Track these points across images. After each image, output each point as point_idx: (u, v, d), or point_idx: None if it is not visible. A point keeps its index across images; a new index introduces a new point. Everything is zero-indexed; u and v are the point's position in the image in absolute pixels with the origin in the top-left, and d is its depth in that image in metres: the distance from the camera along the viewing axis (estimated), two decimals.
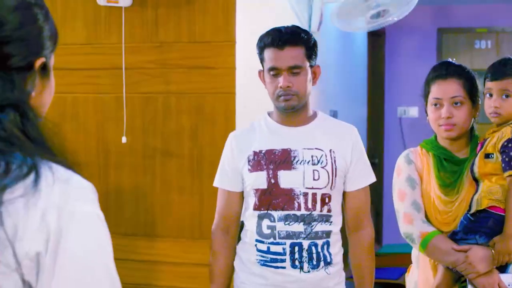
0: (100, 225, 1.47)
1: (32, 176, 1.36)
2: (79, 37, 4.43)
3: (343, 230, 3.30)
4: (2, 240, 1.31)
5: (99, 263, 1.44)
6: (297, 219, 3.13)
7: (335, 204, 3.21)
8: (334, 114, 6.45)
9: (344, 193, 3.27)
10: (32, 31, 1.51)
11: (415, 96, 8.99)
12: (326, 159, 3.17)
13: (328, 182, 3.16)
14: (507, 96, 3.12)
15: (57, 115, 4.41)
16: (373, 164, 3.70)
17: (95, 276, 1.41)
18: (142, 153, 4.34)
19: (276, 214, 3.15)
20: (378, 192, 8.35)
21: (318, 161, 3.16)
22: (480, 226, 3.06)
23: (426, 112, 3.34)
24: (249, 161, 3.22)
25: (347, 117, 6.55)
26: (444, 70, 3.26)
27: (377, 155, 8.66)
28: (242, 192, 3.29)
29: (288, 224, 3.13)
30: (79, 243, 1.39)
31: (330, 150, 3.19)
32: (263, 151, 3.20)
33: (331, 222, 3.19)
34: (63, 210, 1.38)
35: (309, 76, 3.18)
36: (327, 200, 3.16)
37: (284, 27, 3.19)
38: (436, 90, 3.23)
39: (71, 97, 4.44)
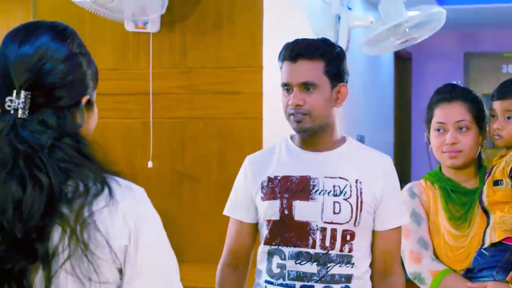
0: (160, 221, 1.93)
1: (106, 189, 1.77)
2: (107, 62, 4.46)
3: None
4: (101, 241, 1.70)
5: (167, 249, 1.91)
6: (310, 258, 2.68)
7: (361, 244, 2.73)
8: (361, 139, 6.43)
9: (372, 233, 2.79)
10: (77, 76, 1.84)
11: None
12: (351, 190, 2.70)
13: (351, 217, 2.68)
14: (509, 117, 2.93)
15: None
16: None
17: (165, 259, 1.89)
18: (169, 178, 4.35)
19: (288, 250, 2.70)
20: None
21: (341, 192, 2.70)
22: (496, 260, 2.79)
23: (428, 139, 3.11)
24: (262, 188, 2.79)
25: (374, 142, 6.53)
26: (449, 92, 3.04)
27: (404, 180, 8.62)
28: (256, 224, 2.89)
29: (300, 263, 2.68)
30: (152, 236, 1.84)
31: (357, 181, 2.72)
32: (278, 177, 2.77)
33: (353, 264, 2.70)
34: (136, 211, 1.80)
35: (328, 95, 2.72)
36: (349, 238, 2.68)
37: (305, 38, 2.81)
38: (440, 113, 3.00)
39: (99, 122, 4.41)
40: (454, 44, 8.88)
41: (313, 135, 2.77)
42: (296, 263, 2.68)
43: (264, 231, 2.80)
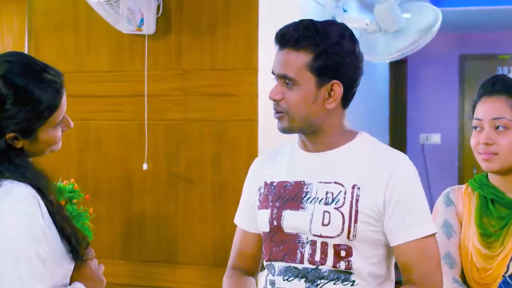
0: (16, 223, 1.97)
1: None
2: (102, 64, 4.46)
3: None
4: None
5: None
6: (297, 273, 2.34)
7: (364, 262, 2.30)
8: None
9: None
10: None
11: (438, 123, 8.91)
12: (344, 198, 2.28)
13: (342, 230, 2.26)
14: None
15: (81, 142, 4.44)
16: None
17: None
18: (164, 180, 4.35)
19: (277, 265, 2.37)
20: None
21: (333, 200, 2.29)
22: None
23: None
24: (260, 194, 2.46)
25: None
26: (491, 85, 2.54)
27: None
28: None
29: (287, 279, 2.35)
30: None
31: (354, 186, 2.28)
32: (274, 183, 2.42)
33: (353, 283, 2.29)
34: None
35: (310, 93, 2.28)
36: (344, 254, 2.28)
37: (303, 20, 2.33)
38: (478, 109, 2.54)
39: (94, 124, 4.47)
40: (449, 46, 8.88)
41: (311, 134, 2.37)
42: (283, 280, 2.36)
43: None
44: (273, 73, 2.34)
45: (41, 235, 1.98)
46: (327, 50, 2.26)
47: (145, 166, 4.29)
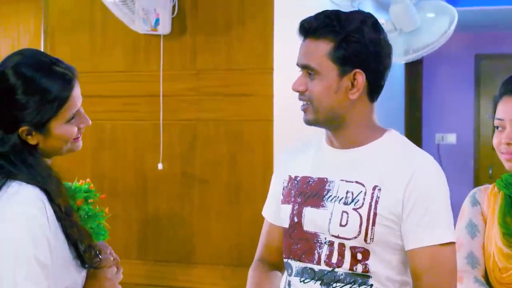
0: (21, 226, 1.98)
1: None
2: (118, 64, 4.47)
3: None
4: None
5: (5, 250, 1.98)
6: (313, 275, 2.26)
7: (382, 265, 2.21)
8: None
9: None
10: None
11: (453, 123, 8.87)
12: (364, 199, 2.19)
13: (359, 232, 2.18)
14: None
15: (96, 142, 4.45)
16: None
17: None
18: (180, 180, 4.35)
19: (295, 265, 2.31)
20: None
21: (352, 200, 2.20)
22: None
23: None
24: (284, 188, 2.41)
25: None
26: (511, 84, 2.46)
27: None
28: None
29: (303, 281, 2.28)
30: None
31: (375, 187, 2.19)
32: (298, 178, 2.35)
33: (371, 287, 2.21)
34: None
35: (332, 83, 2.21)
36: (360, 257, 2.19)
37: (325, 10, 2.29)
38: (499, 108, 2.47)
39: (110, 124, 4.48)
40: (465, 46, 8.85)
41: (333, 129, 2.30)
42: (300, 281, 2.29)
43: None
44: (297, 64, 2.29)
45: (42, 238, 1.98)
46: (347, 38, 2.19)
47: (160, 166, 4.30)
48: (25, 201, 2.00)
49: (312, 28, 2.22)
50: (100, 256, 2.24)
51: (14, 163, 2.07)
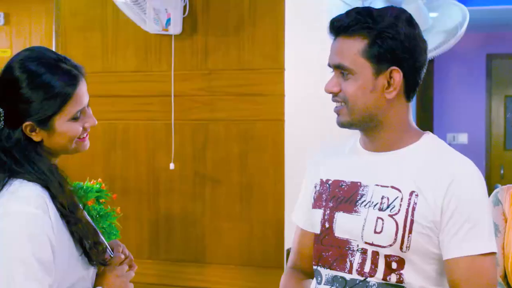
0: (18, 227, 1.99)
1: None
2: (129, 65, 4.47)
3: None
4: None
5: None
6: (344, 284, 2.15)
7: (417, 276, 2.10)
8: None
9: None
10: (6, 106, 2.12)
11: (465, 122, 8.84)
12: (401, 205, 2.08)
13: (395, 239, 2.06)
14: None
15: (108, 142, 4.46)
16: None
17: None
18: (191, 179, 4.35)
19: (324, 273, 2.20)
20: None
21: (388, 206, 2.10)
22: None
23: None
24: (315, 192, 2.29)
25: None
26: None
27: None
28: None
29: None
30: None
31: (412, 193, 2.08)
32: (330, 181, 2.25)
33: None
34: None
35: (368, 82, 2.11)
36: (395, 266, 2.08)
37: (356, 7, 2.17)
38: None
39: (121, 124, 4.49)
40: (476, 45, 8.82)
41: (367, 131, 2.20)
42: None
43: None
44: (329, 65, 2.18)
45: (41, 236, 1.98)
46: (381, 34, 2.08)
47: (172, 166, 4.30)
48: (24, 200, 2.00)
49: (343, 25, 2.10)
50: (112, 254, 2.25)
51: (17, 160, 2.08)
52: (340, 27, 2.11)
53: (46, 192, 2.05)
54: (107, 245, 2.28)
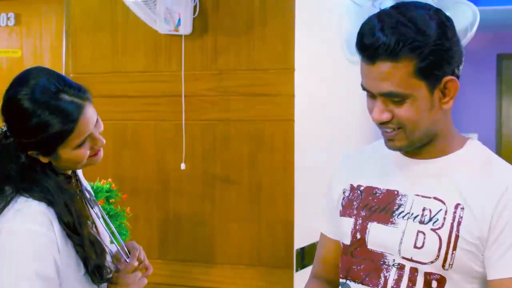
0: (22, 245, 2.00)
1: (3, 205, 2.10)
2: (139, 65, 4.48)
3: None
4: None
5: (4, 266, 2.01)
6: None
7: None
8: None
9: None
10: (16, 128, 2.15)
11: (475, 123, 8.85)
12: (444, 218, 1.90)
13: (438, 256, 1.89)
14: None
15: (118, 142, 4.46)
16: None
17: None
18: (201, 180, 4.35)
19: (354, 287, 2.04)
20: None
21: (430, 219, 1.92)
22: None
23: None
24: (343, 198, 2.14)
25: None
26: None
27: None
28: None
29: None
30: None
31: (457, 206, 1.91)
32: (362, 187, 2.09)
33: None
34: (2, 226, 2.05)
35: (425, 101, 1.91)
36: (435, 285, 1.91)
37: (384, 21, 1.86)
38: None
39: (131, 124, 4.49)
40: (486, 45, 8.81)
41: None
42: None
43: None
44: (365, 89, 1.96)
45: (45, 253, 2.00)
46: (433, 49, 1.87)
47: (183, 166, 4.30)
48: (28, 217, 2.01)
49: (388, 48, 1.84)
50: (127, 258, 2.25)
51: (24, 178, 2.08)
52: (384, 50, 1.85)
53: (51, 210, 2.05)
54: (124, 251, 2.28)
